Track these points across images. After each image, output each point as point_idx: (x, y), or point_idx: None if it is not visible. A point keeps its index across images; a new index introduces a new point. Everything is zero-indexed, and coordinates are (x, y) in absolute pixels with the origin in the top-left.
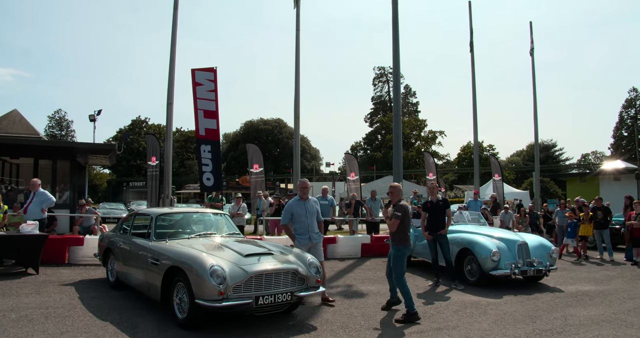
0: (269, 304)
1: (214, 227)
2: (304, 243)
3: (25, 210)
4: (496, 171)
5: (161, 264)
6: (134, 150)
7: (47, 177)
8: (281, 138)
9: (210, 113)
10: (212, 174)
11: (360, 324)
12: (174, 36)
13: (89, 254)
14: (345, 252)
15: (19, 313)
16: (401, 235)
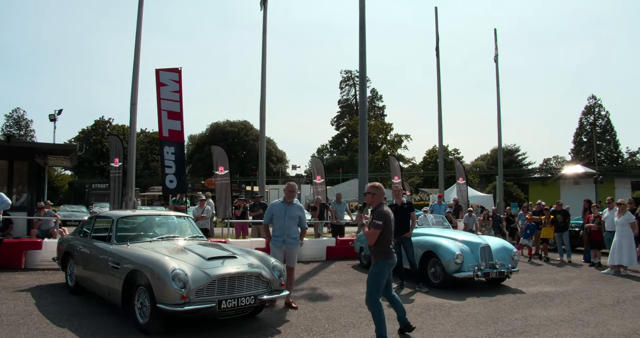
0: (232, 308)
1: (177, 230)
2: (278, 246)
3: None
4: (460, 175)
5: (122, 268)
6: (97, 151)
7: (3, 178)
8: (247, 140)
9: (175, 114)
10: (176, 176)
11: (324, 327)
12: (138, 34)
13: (48, 258)
14: (311, 255)
15: None
16: (382, 248)
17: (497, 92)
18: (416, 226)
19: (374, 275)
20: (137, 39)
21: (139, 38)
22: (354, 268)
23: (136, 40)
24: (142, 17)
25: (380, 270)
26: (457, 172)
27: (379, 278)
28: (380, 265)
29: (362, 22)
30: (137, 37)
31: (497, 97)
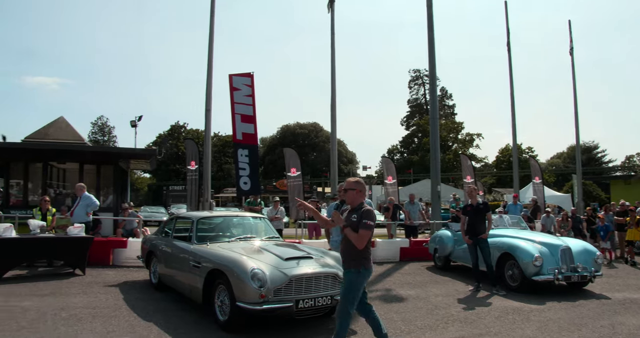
0: (309, 308)
1: (253, 231)
2: (336, 246)
3: (72, 213)
4: (536, 174)
5: (203, 267)
6: (173, 155)
7: (91, 181)
8: (317, 142)
9: (248, 117)
10: (249, 178)
11: (400, 329)
12: (210, 43)
13: (132, 256)
14: (384, 256)
15: (69, 312)
16: (366, 253)
17: (574, 86)
18: (492, 227)
19: (353, 284)
20: (209, 47)
21: (211, 46)
22: (429, 269)
23: (209, 48)
24: (214, 25)
25: (360, 279)
26: (533, 171)
27: (358, 288)
28: (362, 274)
29: (430, 19)
30: (210, 45)
31: (573, 91)
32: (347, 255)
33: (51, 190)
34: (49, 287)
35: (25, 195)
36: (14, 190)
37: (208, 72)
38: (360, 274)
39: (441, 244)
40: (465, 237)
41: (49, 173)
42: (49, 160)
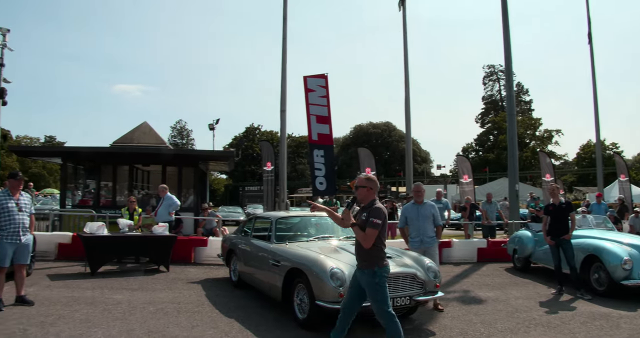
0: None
1: (331, 230)
2: (415, 247)
3: (156, 213)
4: (622, 171)
5: (282, 266)
6: (248, 156)
7: (173, 182)
8: (391, 141)
9: (323, 118)
10: (325, 178)
11: (480, 332)
12: (284, 46)
13: (213, 255)
14: (460, 256)
15: (156, 306)
16: (379, 252)
17: None
18: (575, 228)
19: (376, 286)
20: (283, 49)
21: (285, 49)
22: (507, 271)
23: (282, 51)
24: (286, 29)
25: (381, 279)
26: (618, 168)
27: (384, 287)
28: (379, 274)
29: (505, 13)
30: (283, 48)
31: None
32: (359, 255)
33: (136, 191)
34: (137, 282)
35: (113, 196)
36: (104, 191)
37: (282, 74)
38: (375, 274)
39: (521, 245)
40: (547, 237)
41: (135, 175)
42: (135, 163)
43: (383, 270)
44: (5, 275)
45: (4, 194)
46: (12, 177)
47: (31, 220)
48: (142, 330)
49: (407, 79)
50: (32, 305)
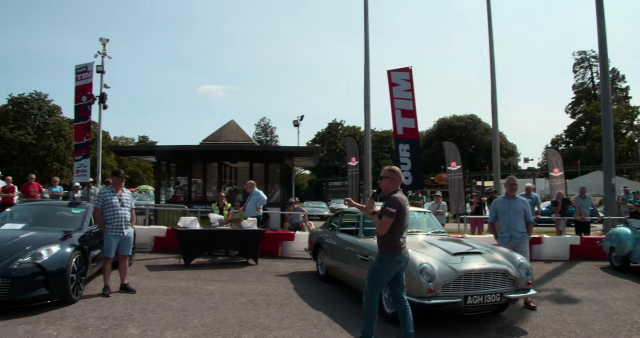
0: (477, 304)
1: (419, 225)
2: (505, 242)
3: (244, 208)
4: None
5: (370, 260)
6: (332, 151)
7: (260, 178)
8: (475, 134)
9: (408, 112)
10: (411, 173)
11: (575, 333)
12: (366, 40)
13: (299, 249)
14: (552, 253)
15: (246, 297)
16: (392, 241)
17: None
18: None
19: (375, 271)
20: (365, 44)
21: (367, 43)
22: (603, 270)
23: (365, 45)
24: (368, 23)
25: (383, 267)
26: None
27: (381, 276)
28: (384, 262)
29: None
30: (365, 42)
31: None
32: (377, 241)
33: (224, 187)
34: (228, 274)
35: (204, 192)
36: (194, 187)
37: (365, 68)
38: (381, 261)
39: (619, 243)
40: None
41: (223, 172)
42: (223, 160)
43: (394, 260)
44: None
45: (108, 191)
46: (115, 175)
47: (132, 214)
48: (234, 320)
49: (492, 69)
50: (134, 292)
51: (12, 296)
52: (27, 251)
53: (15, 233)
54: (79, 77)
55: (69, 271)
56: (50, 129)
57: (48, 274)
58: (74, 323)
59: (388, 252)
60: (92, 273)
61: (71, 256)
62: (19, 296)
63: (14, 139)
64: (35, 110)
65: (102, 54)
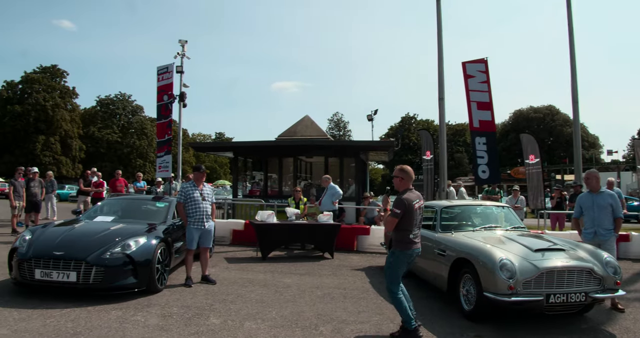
0: (560, 304)
1: (497, 220)
2: (588, 239)
3: (320, 202)
4: None
5: (448, 255)
6: (405, 145)
7: (335, 173)
8: (554, 126)
9: (484, 104)
10: (488, 166)
11: None
12: (439, 31)
13: (375, 243)
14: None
15: (323, 290)
16: (400, 237)
17: None
18: None
19: (390, 265)
20: (438, 36)
21: (440, 34)
22: None
23: (438, 37)
24: (441, 13)
25: (396, 260)
26: None
27: (396, 269)
28: (396, 255)
29: None
30: (439, 34)
31: None
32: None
33: (299, 181)
34: (304, 267)
35: (279, 187)
36: (270, 182)
37: (439, 61)
38: (393, 254)
39: None
40: None
41: (299, 167)
42: (298, 155)
43: (404, 254)
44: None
45: (190, 185)
46: (196, 170)
47: (212, 208)
48: (311, 312)
49: (572, 57)
50: (214, 284)
51: (105, 284)
52: (117, 242)
53: (106, 225)
54: (161, 78)
55: (154, 261)
56: (134, 128)
57: (136, 264)
58: (159, 311)
59: (399, 247)
60: (175, 264)
61: (156, 247)
62: (111, 284)
63: (101, 137)
64: (120, 110)
65: (182, 55)
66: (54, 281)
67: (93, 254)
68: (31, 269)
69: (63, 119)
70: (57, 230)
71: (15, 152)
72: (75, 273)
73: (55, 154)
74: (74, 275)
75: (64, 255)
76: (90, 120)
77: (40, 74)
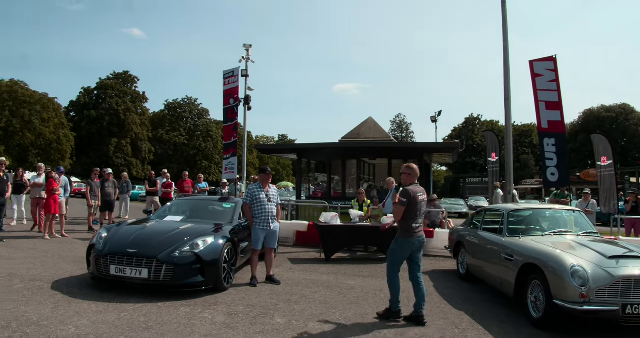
0: (638, 315)
1: (568, 225)
2: None
3: (384, 204)
4: None
5: (515, 260)
6: (469, 147)
7: (398, 175)
8: (628, 125)
9: (553, 104)
10: (557, 169)
11: None
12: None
13: (439, 246)
14: None
15: (386, 293)
16: (405, 226)
17: None
18: None
19: (393, 251)
20: (504, 34)
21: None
22: None
23: (503, 35)
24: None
25: (399, 247)
26: None
27: (397, 254)
28: (400, 243)
29: None
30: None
31: None
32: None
33: (363, 183)
34: (368, 269)
35: (343, 188)
36: (333, 184)
37: (504, 60)
38: (397, 242)
39: None
40: None
41: (362, 169)
42: (362, 156)
43: (407, 242)
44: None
45: (257, 187)
46: (262, 172)
47: (278, 209)
48: (374, 315)
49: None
50: (278, 284)
51: (175, 281)
52: (186, 241)
53: (175, 225)
54: (227, 82)
55: (221, 261)
56: (200, 130)
57: (204, 263)
58: (225, 309)
59: (403, 235)
60: (240, 263)
61: (223, 247)
62: (180, 281)
63: (169, 140)
64: (187, 114)
65: (246, 59)
66: (127, 277)
67: (164, 252)
68: (107, 265)
69: (134, 123)
70: (130, 228)
71: (90, 154)
72: (147, 270)
73: (127, 155)
74: (145, 272)
75: (137, 252)
76: (158, 124)
77: (113, 80)
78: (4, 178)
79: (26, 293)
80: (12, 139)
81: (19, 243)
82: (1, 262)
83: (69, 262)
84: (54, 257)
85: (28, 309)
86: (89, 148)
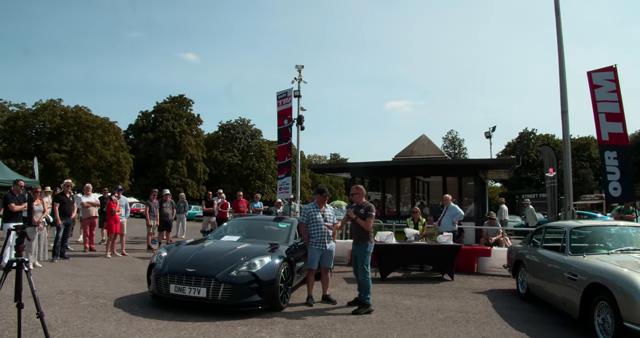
0: None
1: (631, 242)
2: None
3: (439, 222)
4: None
5: (580, 280)
6: (524, 162)
7: (453, 192)
8: None
9: (614, 116)
10: (620, 183)
11: None
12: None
13: (496, 265)
14: None
15: (444, 313)
16: (370, 233)
17: None
18: None
19: (368, 253)
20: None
21: (561, 44)
22: None
23: (558, 47)
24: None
25: (371, 250)
26: None
27: (370, 256)
28: (370, 246)
29: None
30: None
31: None
32: (358, 235)
33: (418, 201)
34: (424, 289)
35: (397, 207)
36: (387, 202)
37: (560, 71)
38: (368, 246)
39: None
40: None
41: (416, 187)
42: (416, 174)
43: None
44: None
45: (313, 207)
46: (319, 193)
47: (334, 228)
48: (433, 336)
49: None
50: (334, 303)
51: (232, 300)
52: (243, 261)
53: (232, 245)
54: (280, 103)
55: (278, 280)
56: (253, 151)
57: (261, 282)
58: (282, 328)
59: (369, 240)
60: (296, 283)
61: (280, 267)
62: (237, 300)
63: (223, 160)
64: (240, 134)
65: (299, 80)
66: (186, 296)
67: (222, 272)
68: (167, 284)
69: (189, 144)
70: (189, 248)
71: (148, 175)
72: (205, 289)
73: (183, 176)
74: (204, 291)
75: (195, 271)
76: (213, 145)
77: (169, 103)
78: (70, 200)
79: (91, 309)
80: (76, 161)
81: (83, 262)
82: (68, 279)
83: (130, 280)
84: (115, 275)
85: (93, 325)
86: (146, 169)
